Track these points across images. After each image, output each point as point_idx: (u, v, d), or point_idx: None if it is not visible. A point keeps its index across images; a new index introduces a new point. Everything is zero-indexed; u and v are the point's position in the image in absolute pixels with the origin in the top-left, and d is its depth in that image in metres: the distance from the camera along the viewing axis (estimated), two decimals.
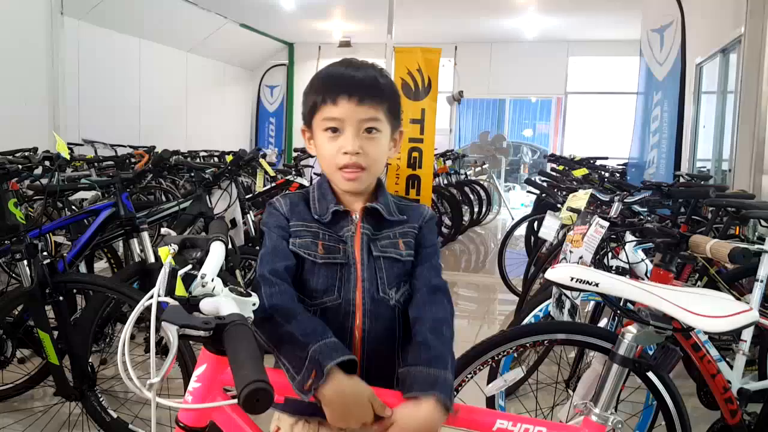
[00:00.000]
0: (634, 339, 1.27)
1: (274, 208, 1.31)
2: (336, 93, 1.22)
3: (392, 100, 1.27)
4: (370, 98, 1.22)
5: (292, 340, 1.14)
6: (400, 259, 1.28)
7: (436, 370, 1.16)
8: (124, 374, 0.98)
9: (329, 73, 1.26)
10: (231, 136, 12.82)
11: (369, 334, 1.25)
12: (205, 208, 3.56)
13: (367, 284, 1.26)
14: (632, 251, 2.50)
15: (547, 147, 15.10)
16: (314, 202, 1.30)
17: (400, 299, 1.28)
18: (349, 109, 1.21)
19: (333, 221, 1.28)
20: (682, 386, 2.94)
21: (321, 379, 1.09)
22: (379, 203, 1.29)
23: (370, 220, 1.29)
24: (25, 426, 2.60)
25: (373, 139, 1.24)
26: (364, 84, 1.23)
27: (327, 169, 1.28)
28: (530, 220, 5.41)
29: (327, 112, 1.23)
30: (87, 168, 5.43)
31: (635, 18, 7.09)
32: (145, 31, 9.85)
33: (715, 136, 6.57)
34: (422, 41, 8.40)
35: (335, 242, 1.27)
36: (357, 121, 1.22)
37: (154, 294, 1.01)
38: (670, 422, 1.78)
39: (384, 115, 1.25)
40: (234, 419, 1.14)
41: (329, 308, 1.25)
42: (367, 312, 1.25)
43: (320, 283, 1.25)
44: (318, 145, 1.28)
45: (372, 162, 1.25)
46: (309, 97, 1.27)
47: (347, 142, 1.22)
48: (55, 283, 2.37)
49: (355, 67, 1.26)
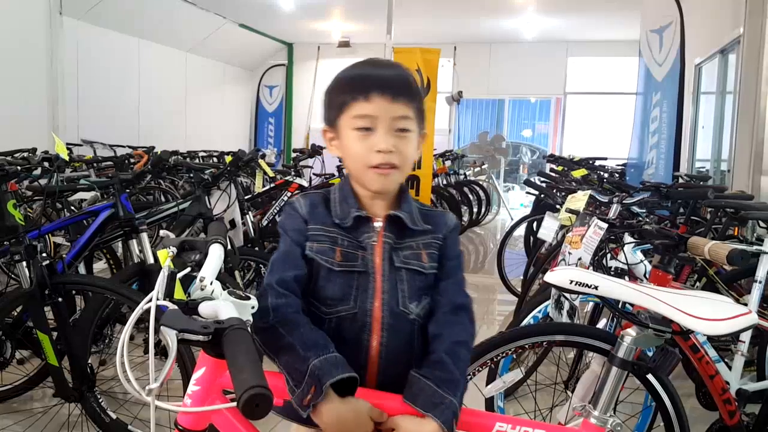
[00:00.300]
0: (633, 341, 1.27)
1: (293, 209, 1.27)
2: (368, 90, 1.18)
3: (420, 100, 1.25)
4: (403, 96, 1.20)
5: (293, 352, 1.11)
6: (422, 271, 1.24)
7: (445, 394, 1.14)
8: (123, 379, 0.98)
9: (358, 72, 1.23)
10: (230, 136, 12.82)
11: (386, 348, 1.21)
12: (205, 208, 3.56)
13: (387, 296, 1.21)
14: (631, 252, 2.50)
15: (547, 147, 15.10)
16: (335, 204, 1.26)
17: (420, 313, 1.24)
18: (383, 106, 1.18)
19: (353, 226, 1.23)
20: (680, 387, 2.94)
21: (320, 396, 1.07)
22: (402, 211, 1.25)
23: (393, 228, 1.25)
24: (24, 427, 2.60)
25: (404, 137, 1.21)
26: (396, 82, 1.20)
27: (356, 170, 1.23)
28: (529, 221, 5.41)
29: (358, 109, 1.19)
30: (86, 169, 5.43)
31: (634, 18, 7.09)
32: (144, 31, 9.85)
33: (714, 137, 6.57)
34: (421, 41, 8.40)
35: (354, 249, 1.23)
36: (390, 119, 1.19)
37: (152, 297, 1.01)
38: (668, 423, 1.78)
39: (414, 115, 1.22)
40: (233, 422, 1.14)
41: (344, 318, 1.21)
42: (386, 325, 1.21)
43: (336, 291, 1.21)
44: (346, 145, 1.23)
45: (404, 161, 1.21)
46: (335, 96, 1.23)
47: (381, 140, 1.18)
48: (54, 284, 2.37)
49: (384, 66, 1.24)
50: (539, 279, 3.85)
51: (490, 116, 17.23)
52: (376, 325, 1.21)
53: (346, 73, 1.24)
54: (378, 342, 1.21)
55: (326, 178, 6.20)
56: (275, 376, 1.14)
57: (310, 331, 1.15)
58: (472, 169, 10.31)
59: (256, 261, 3.90)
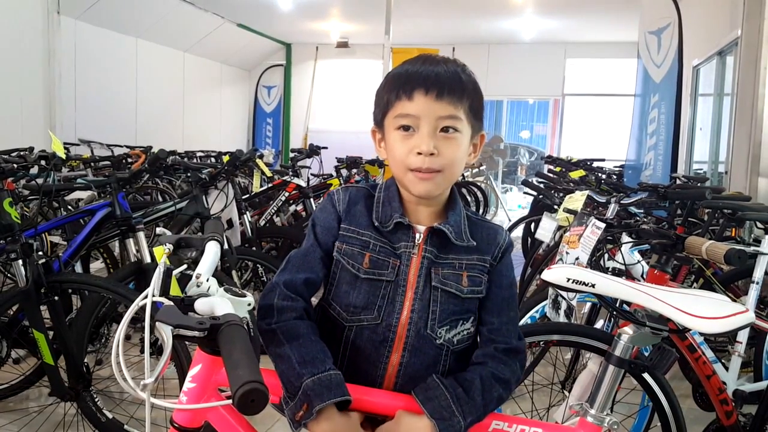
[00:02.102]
0: (629, 340, 1.27)
1: (330, 203, 1.20)
2: (412, 88, 1.11)
3: (475, 98, 1.14)
4: (449, 94, 1.10)
5: (289, 364, 1.08)
6: (459, 295, 1.16)
7: (456, 411, 1.09)
8: (118, 375, 0.97)
9: (405, 69, 1.15)
10: (228, 136, 12.81)
11: (406, 369, 1.16)
12: (202, 208, 3.55)
13: (416, 316, 1.14)
14: (628, 252, 2.50)
15: (545, 148, 15.10)
16: (378, 204, 1.18)
17: (452, 339, 1.17)
18: (426, 104, 1.10)
19: (392, 231, 1.16)
20: (678, 387, 2.95)
21: (310, 416, 1.04)
22: (448, 224, 1.16)
23: (435, 242, 1.16)
24: (20, 426, 2.59)
25: (450, 139, 1.12)
26: (443, 78, 1.11)
27: (397, 172, 1.16)
28: (527, 222, 5.41)
29: (401, 108, 1.12)
30: (83, 168, 5.42)
31: (633, 20, 7.10)
32: (141, 31, 9.84)
33: (712, 138, 6.59)
34: (420, 42, 8.41)
35: (386, 256, 1.15)
36: (434, 119, 1.10)
37: (148, 294, 1.00)
38: (665, 423, 1.78)
39: (464, 114, 1.13)
40: (228, 420, 1.14)
41: (366, 328, 1.15)
42: (409, 345, 1.15)
43: (360, 299, 1.15)
44: (389, 146, 1.16)
45: (448, 164, 1.12)
46: (382, 96, 1.16)
47: (422, 141, 1.10)
48: (50, 282, 2.36)
49: (434, 62, 1.14)
50: (537, 279, 3.86)
51: (488, 117, 17.21)
52: (398, 343, 1.15)
53: (394, 70, 1.18)
54: (398, 360, 1.15)
55: (324, 179, 6.20)
56: (272, 374, 1.14)
57: (309, 343, 1.11)
58: (470, 170, 10.31)
59: (254, 261, 3.89)
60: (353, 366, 1.13)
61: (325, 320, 1.20)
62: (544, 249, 3.92)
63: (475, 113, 1.15)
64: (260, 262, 3.80)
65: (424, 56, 1.17)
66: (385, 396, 1.17)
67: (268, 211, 4.77)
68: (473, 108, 1.15)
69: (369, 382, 1.16)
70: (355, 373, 1.13)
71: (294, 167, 6.60)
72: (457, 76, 1.14)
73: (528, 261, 4.51)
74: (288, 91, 13.62)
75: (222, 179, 3.85)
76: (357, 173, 6.13)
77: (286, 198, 4.83)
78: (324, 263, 1.19)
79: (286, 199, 4.84)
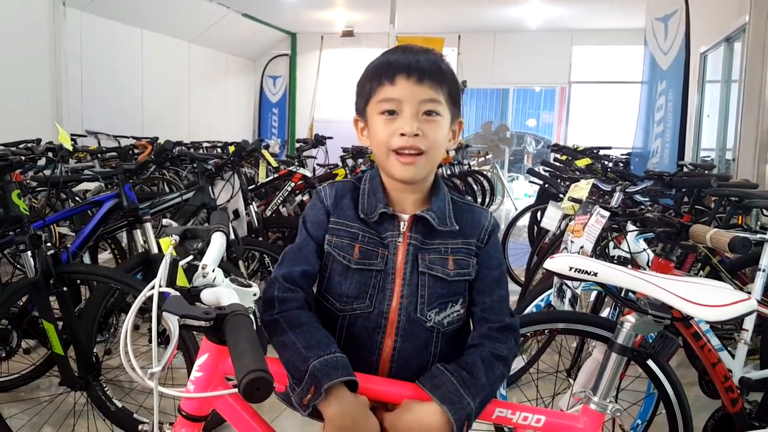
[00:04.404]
0: (632, 328, 1.28)
1: (318, 199, 1.24)
2: (394, 73, 1.16)
3: (453, 86, 1.20)
4: (430, 78, 1.16)
5: (294, 350, 1.10)
6: (446, 279, 1.19)
7: (464, 395, 1.11)
8: (126, 364, 0.99)
9: (386, 58, 1.20)
10: (233, 126, 12.82)
11: (399, 353, 1.19)
12: (208, 199, 3.57)
13: (405, 301, 1.18)
14: (634, 241, 2.50)
15: (551, 137, 15.04)
16: (363, 196, 1.22)
17: (442, 321, 1.20)
18: (408, 88, 1.15)
19: (378, 222, 1.20)
20: (684, 375, 2.96)
21: (319, 397, 1.06)
22: (431, 210, 1.20)
23: (420, 228, 1.20)
24: (30, 415, 2.62)
25: (432, 122, 1.16)
26: (423, 64, 1.16)
27: (380, 156, 1.20)
28: (533, 210, 5.40)
29: (384, 93, 1.17)
30: (90, 159, 5.45)
31: (639, 6, 7.05)
32: (147, 22, 9.84)
33: (719, 126, 6.55)
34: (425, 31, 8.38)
35: (375, 246, 1.19)
36: (416, 102, 1.15)
37: (155, 284, 1.02)
38: (670, 411, 1.79)
39: (444, 99, 1.18)
40: (235, 408, 1.15)
41: (359, 316, 1.19)
42: (401, 330, 1.18)
43: (352, 288, 1.19)
44: (372, 131, 1.20)
45: (431, 146, 1.16)
46: (363, 84, 1.21)
47: (405, 123, 1.14)
48: (59, 273, 2.38)
49: (414, 51, 1.19)
50: (542, 268, 3.86)
51: (494, 106, 17.17)
52: (390, 328, 1.19)
53: (375, 60, 1.22)
54: (392, 345, 1.19)
55: (330, 169, 6.20)
56: (277, 362, 1.15)
57: (313, 329, 1.13)
58: (477, 159, 10.30)
59: (260, 251, 3.91)
60: (349, 353, 1.15)
61: (319, 311, 1.23)
62: (549, 237, 3.92)
63: (453, 100, 1.20)
64: (266, 253, 3.82)
65: (403, 46, 1.22)
66: (389, 384, 1.18)
67: (274, 202, 4.79)
68: (451, 94, 1.20)
69: (364, 368, 1.18)
70: (351, 360, 1.15)
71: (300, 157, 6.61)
72: (437, 63, 1.19)
73: (534, 249, 4.52)
74: (293, 81, 13.60)
75: (228, 170, 3.86)
76: (363, 163, 6.13)
77: (292, 188, 4.84)
78: (318, 255, 1.22)
79: (292, 189, 4.85)
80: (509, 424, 1.21)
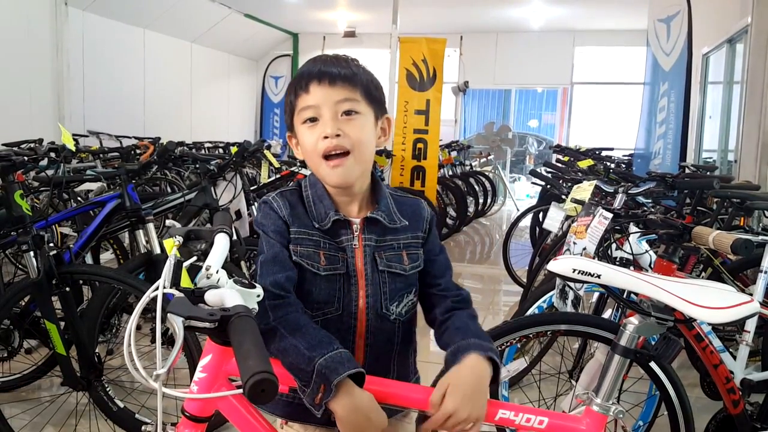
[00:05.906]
0: (635, 330, 1.27)
1: (270, 209, 1.25)
2: (307, 82, 1.19)
3: (368, 84, 1.22)
4: (342, 80, 1.19)
5: (297, 354, 1.11)
6: (404, 274, 1.26)
7: (485, 342, 1.18)
8: (130, 364, 0.99)
9: (300, 71, 1.23)
10: (236, 127, 12.84)
11: (371, 350, 1.25)
12: (210, 199, 3.57)
13: (371, 300, 1.23)
14: (636, 242, 2.50)
15: (553, 138, 15.04)
16: (310, 203, 1.25)
17: (401, 311, 1.26)
18: (322, 92, 1.18)
19: (332, 228, 1.23)
20: (686, 376, 2.96)
21: (330, 394, 1.06)
22: (380, 210, 1.25)
23: (373, 229, 1.25)
24: (32, 415, 2.62)
25: (352, 120, 1.19)
26: (333, 69, 1.19)
27: (313, 166, 1.23)
28: (535, 211, 5.40)
29: (302, 102, 1.20)
30: (92, 159, 5.45)
31: (642, 8, 7.04)
32: (149, 22, 9.85)
33: (722, 127, 6.55)
34: (427, 31, 8.37)
35: (335, 251, 1.23)
36: (332, 104, 1.18)
37: (159, 285, 1.02)
38: (672, 412, 1.79)
39: (361, 97, 1.20)
40: (239, 409, 1.15)
41: (331, 320, 1.22)
42: (371, 328, 1.23)
43: (322, 294, 1.22)
44: (301, 142, 1.23)
45: (355, 144, 1.19)
46: (286, 101, 1.25)
47: (325, 125, 1.18)
48: (61, 273, 2.39)
49: (326, 60, 1.22)
50: (544, 269, 3.86)
51: (496, 106, 17.20)
52: (360, 327, 1.23)
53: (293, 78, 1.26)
54: (364, 343, 1.24)
55: None
56: (281, 364, 1.15)
57: (312, 330, 1.14)
58: (478, 159, 10.30)
59: None
60: None
61: None
62: (552, 239, 3.92)
63: (372, 98, 1.23)
64: None
65: (314, 57, 1.25)
66: (399, 387, 1.19)
67: None
68: (368, 92, 1.22)
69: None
70: None
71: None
72: (348, 65, 1.22)
73: (536, 251, 4.52)
74: None
75: (230, 170, 3.86)
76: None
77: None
78: (293, 261, 1.23)
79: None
80: (512, 426, 1.21)
